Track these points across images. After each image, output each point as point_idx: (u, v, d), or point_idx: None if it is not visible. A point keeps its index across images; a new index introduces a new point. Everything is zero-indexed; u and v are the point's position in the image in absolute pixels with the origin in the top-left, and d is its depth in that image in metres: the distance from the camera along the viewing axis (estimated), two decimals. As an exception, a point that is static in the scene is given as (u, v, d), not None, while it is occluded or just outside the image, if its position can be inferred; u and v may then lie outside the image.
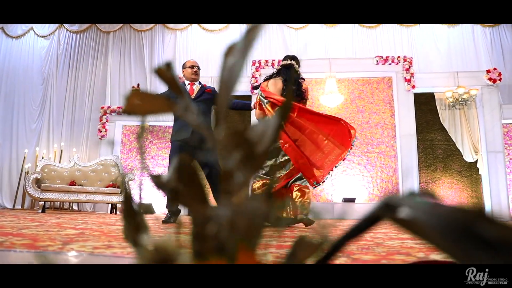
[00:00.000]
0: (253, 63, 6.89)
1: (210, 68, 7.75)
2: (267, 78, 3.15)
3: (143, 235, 0.32)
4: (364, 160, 6.50)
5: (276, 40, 7.83)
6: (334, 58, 6.96)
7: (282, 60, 3.25)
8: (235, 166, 0.30)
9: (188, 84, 3.45)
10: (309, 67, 6.82)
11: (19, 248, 1.02)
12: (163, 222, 3.11)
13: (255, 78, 6.75)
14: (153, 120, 6.96)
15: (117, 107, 6.92)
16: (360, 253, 1.10)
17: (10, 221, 2.41)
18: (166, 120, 6.97)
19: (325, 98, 6.53)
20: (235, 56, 0.31)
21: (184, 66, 3.49)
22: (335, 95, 6.48)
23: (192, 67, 3.44)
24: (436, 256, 0.98)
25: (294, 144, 2.72)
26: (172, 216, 3.12)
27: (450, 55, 7.37)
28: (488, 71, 6.43)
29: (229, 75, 0.32)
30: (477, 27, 7.65)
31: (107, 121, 6.88)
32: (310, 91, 6.88)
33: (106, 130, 6.84)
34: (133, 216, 0.34)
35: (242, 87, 6.87)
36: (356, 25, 7.88)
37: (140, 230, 0.34)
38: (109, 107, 6.96)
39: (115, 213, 5.50)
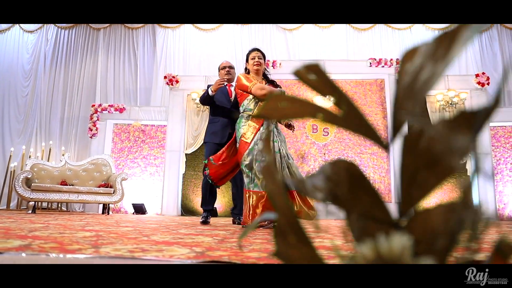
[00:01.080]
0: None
1: (203, 67, 7.70)
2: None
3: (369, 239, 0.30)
4: (357, 161, 6.57)
5: (271, 41, 7.84)
6: (328, 59, 7.01)
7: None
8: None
9: (226, 85, 3.41)
10: (303, 68, 6.86)
11: (53, 252, 0.97)
12: (203, 223, 3.05)
13: (250, 78, 6.73)
14: (145, 120, 6.85)
15: (109, 105, 6.78)
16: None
17: (11, 222, 2.32)
18: (157, 119, 6.88)
19: (319, 99, 6.56)
20: (426, 61, 0.29)
21: (219, 68, 3.51)
22: (326, 97, 6.51)
23: (223, 68, 3.43)
24: None
25: None
26: (209, 216, 3.13)
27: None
28: (477, 75, 6.60)
29: (413, 82, 0.30)
30: (466, 32, 7.84)
31: (98, 119, 6.73)
32: (304, 92, 6.93)
33: (97, 129, 6.69)
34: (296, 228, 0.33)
35: (236, 87, 6.85)
36: (349, 27, 7.98)
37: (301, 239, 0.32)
38: (100, 105, 6.81)
39: (108, 213, 5.38)
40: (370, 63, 6.78)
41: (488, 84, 6.58)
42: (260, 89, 2.77)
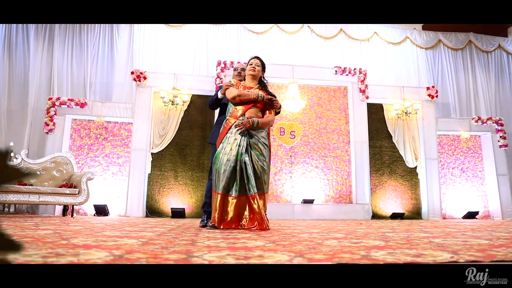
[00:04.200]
0: (219, 64, 6.84)
1: (172, 65, 7.51)
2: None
3: None
4: (322, 164, 6.89)
5: (240, 42, 7.90)
6: (296, 65, 7.24)
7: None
8: None
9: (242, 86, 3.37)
10: (273, 72, 7.01)
11: (151, 262, 0.96)
12: (204, 226, 2.97)
13: (220, 78, 6.72)
14: (108, 116, 6.51)
15: (68, 99, 6.32)
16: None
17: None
18: (122, 116, 6.58)
19: (287, 103, 6.76)
20: None
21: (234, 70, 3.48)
22: (297, 100, 6.75)
23: (235, 69, 3.40)
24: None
25: None
26: (208, 218, 3.04)
27: (396, 70, 8.18)
28: (428, 88, 7.28)
29: None
30: (417, 48, 8.61)
31: (55, 114, 6.25)
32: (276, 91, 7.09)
33: (54, 124, 6.20)
34: None
35: (206, 87, 6.80)
36: (314, 34, 8.31)
37: None
38: (58, 98, 6.33)
39: (72, 216, 5.03)
40: (336, 71, 7.14)
41: (437, 96, 7.29)
42: (229, 93, 2.91)
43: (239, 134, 2.82)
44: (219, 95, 3.07)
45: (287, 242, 1.62)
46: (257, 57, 3.14)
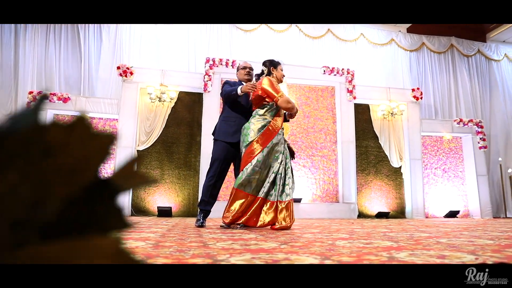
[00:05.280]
0: (207, 61, 6.75)
1: (159, 60, 7.36)
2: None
3: None
4: (309, 163, 6.92)
5: (230, 40, 7.83)
6: (285, 64, 7.22)
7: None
8: None
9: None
10: (260, 71, 6.99)
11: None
12: (201, 226, 2.88)
13: (209, 75, 6.63)
14: (92, 112, 6.31)
15: (51, 94, 6.09)
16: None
17: None
18: (107, 112, 6.40)
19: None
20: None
21: (237, 68, 3.35)
22: (286, 99, 6.74)
23: (244, 68, 3.29)
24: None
25: None
26: (205, 217, 2.96)
27: (382, 72, 8.32)
28: (413, 90, 7.43)
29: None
30: (402, 50, 8.78)
31: (36, 108, 5.99)
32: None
33: (34, 119, 5.95)
34: None
35: (194, 84, 6.70)
36: (302, 34, 8.33)
37: None
38: (39, 92, 6.07)
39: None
40: (324, 71, 7.18)
41: (421, 98, 7.46)
42: (286, 102, 2.87)
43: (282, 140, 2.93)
44: (239, 91, 2.94)
45: (299, 243, 1.59)
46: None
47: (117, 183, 0.29)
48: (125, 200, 5.99)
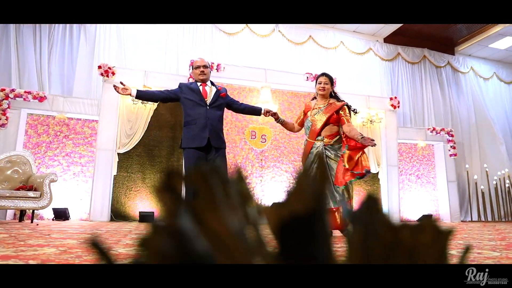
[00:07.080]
0: (191, 63, 6.64)
1: (141, 61, 7.16)
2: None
3: None
4: (291, 168, 7.00)
5: (212, 43, 7.76)
6: (269, 69, 7.28)
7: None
8: None
9: (200, 85, 3.20)
10: (245, 75, 7.00)
11: None
12: None
13: (193, 78, 6.53)
14: (70, 112, 6.03)
15: (25, 92, 5.75)
16: None
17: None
18: (86, 113, 6.15)
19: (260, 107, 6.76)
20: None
21: (192, 67, 3.25)
22: (270, 104, 6.79)
23: (197, 67, 3.19)
24: None
25: None
26: None
27: (361, 80, 8.57)
28: (391, 99, 7.72)
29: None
30: (379, 60, 9.09)
31: (8, 107, 5.65)
32: (244, 99, 7.05)
33: (7, 119, 5.60)
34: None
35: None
36: (285, 39, 8.42)
37: None
38: (12, 90, 5.73)
39: (32, 222, 4.57)
40: (307, 77, 7.30)
41: (398, 106, 7.77)
42: (348, 126, 3.24)
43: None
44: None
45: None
46: (325, 74, 3.25)
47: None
48: (104, 204, 5.78)
